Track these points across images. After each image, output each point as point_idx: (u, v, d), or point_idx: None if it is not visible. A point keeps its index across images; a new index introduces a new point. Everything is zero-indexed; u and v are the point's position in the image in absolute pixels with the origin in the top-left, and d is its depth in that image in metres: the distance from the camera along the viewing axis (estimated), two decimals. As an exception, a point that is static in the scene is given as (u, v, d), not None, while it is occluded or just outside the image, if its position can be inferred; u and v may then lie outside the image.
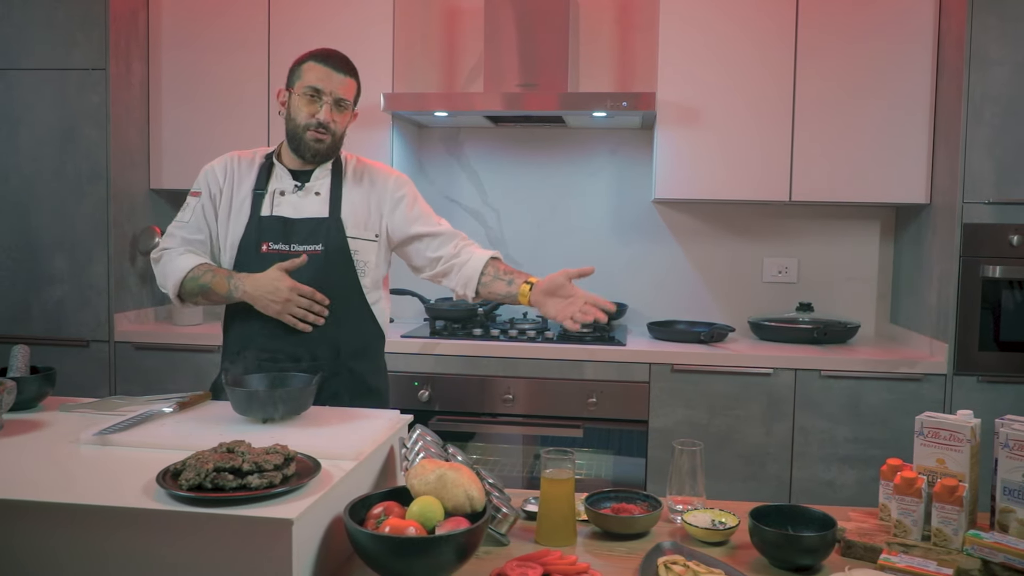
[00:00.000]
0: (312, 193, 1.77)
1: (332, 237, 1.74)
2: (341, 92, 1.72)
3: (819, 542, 1.19)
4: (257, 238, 1.74)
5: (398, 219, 1.81)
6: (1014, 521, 1.23)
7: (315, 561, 1.07)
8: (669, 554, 1.19)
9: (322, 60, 1.72)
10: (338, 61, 1.73)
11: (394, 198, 1.82)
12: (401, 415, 1.52)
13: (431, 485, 1.14)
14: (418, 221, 1.82)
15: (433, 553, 1.04)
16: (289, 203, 1.76)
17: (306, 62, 1.73)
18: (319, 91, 1.70)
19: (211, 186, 1.81)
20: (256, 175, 1.79)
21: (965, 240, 2.42)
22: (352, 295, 1.78)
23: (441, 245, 1.82)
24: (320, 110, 1.71)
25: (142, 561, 1.02)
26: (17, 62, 2.74)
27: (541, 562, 1.12)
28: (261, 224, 1.75)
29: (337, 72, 1.72)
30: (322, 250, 1.73)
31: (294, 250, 1.72)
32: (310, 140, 1.72)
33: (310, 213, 1.75)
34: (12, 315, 2.81)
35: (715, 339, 2.70)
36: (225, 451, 1.11)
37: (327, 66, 1.71)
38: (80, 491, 1.07)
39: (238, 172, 1.80)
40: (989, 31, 2.37)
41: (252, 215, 1.76)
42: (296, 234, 1.74)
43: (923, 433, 1.31)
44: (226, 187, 1.80)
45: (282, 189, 1.77)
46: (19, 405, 1.50)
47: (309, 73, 1.71)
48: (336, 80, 1.72)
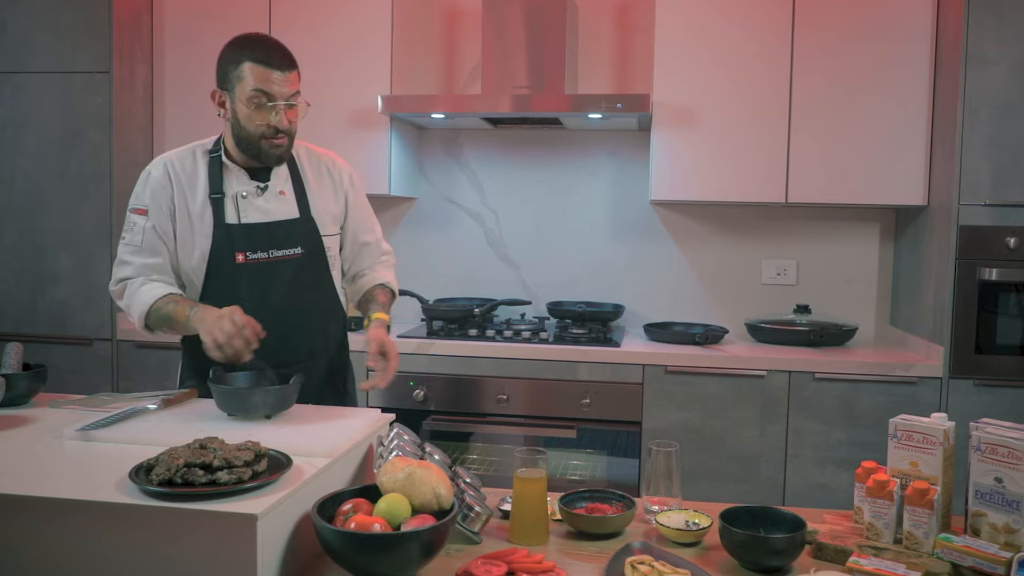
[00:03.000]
0: (276, 192, 1.70)
1: (308, 237, 1.71)
2: (291, 90, 1.60)
3: (787, 543, 1.19)
4: (229, 248, 1.64)
5: (352, 222, 1.83)
6: (986, 525, 1.23)
7: (283, 557, 1.09)
8: (638, 554, 1.20)
9: (263, 61, 1.57)
10: (280, 57, 1.59)
11: (351, 197, 1.82)
12: (382, 414, 1.53)
13: (400, 483, 1.15)
14: (367, 230, 1.86)
15: (397, 549, 1.06)
16: (255, 207, 1.67)
17: (243, 62, 1.57)
18: (270, 95, 1.58)
19: (159, 199, 1.66)
20: (207, 177, 1.66)
21: (961, 242, 2.40)
22: (328, 291, 1.79)
23: (367, 256, 1.87)
24: (275, 116, 1.59)
25: (112, 554, 1.04)
26: (23, 65, 2.79)
27: (507, 560, 1.13)
28: (231, 233, 1.64)
29: (282, 71, 1.58)
30: (301, 252, 1.69)
31: (273, 256, 1.66)
32: (268, 148, 1.62)
33: (281, 215, 1.69)
34: (17, 314, 2.86)
35: (710, 341, 2.70)
36: (198, 447, 1.14)
37: (270, 68, 1.57)
38: (55, 485, 1.10)
39: (184, 177, 1.67)
40: (985, 30, 2.36)
41: (217, 223, 1.64)
42: (273, 240, 1.67)
43: (897, 436, 1.31)
44: (177, 197, 1.66)
45: (243, 192, 1.67)
46: (11, 401, 1.54)
47: (251, 76, 1.57)
48: (285, 81, 1.58)
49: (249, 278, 1.66)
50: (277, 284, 1.67)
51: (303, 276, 1.71)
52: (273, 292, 1.68)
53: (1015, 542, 1.19)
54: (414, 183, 3.16)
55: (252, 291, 1.66)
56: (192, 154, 1.70)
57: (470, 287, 3.19)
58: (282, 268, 1.68)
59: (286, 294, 1.69)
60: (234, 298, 1.60)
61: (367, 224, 1.86)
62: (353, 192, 1.82)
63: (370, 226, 1.87)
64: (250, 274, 1.65)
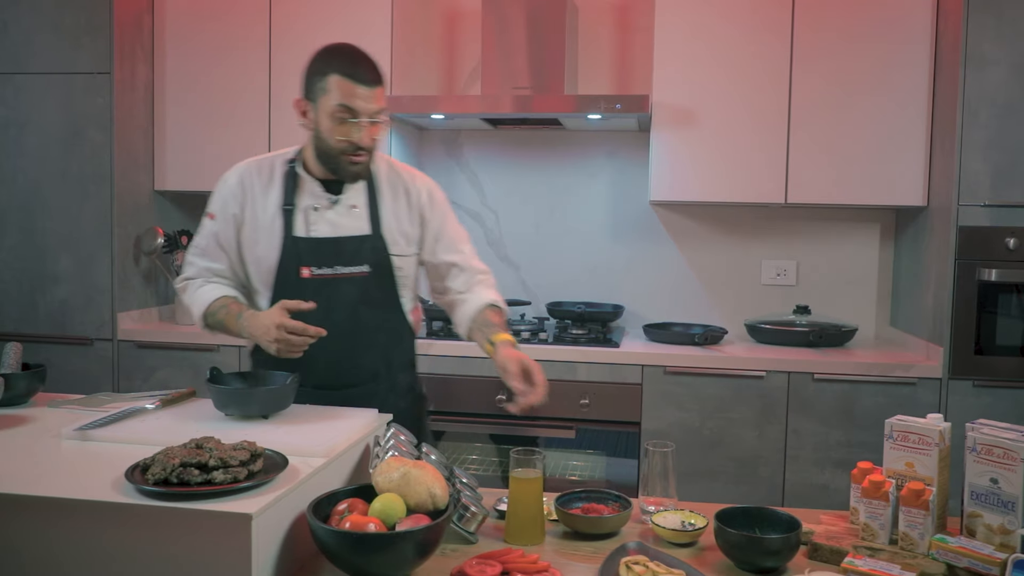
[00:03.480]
0: (348, 207, 1.64)
1: (377, 255, 1.64)
2: (376, 106, 1.55)
3: (782, 544, 1.19)
4: (296, 262, 1.61)
5: (429, 241, 1.71)
6: (981, 526, 1.23)
7: (278, 556, 1.09)
8: (633, 554, 1.20)
9: (350, 75, 1.52)
10: (367, 72, 1.54)
11: (429, 218, 1.70)
12: (380, 414, 1.54)
13: (395, 482, 1.16)
14: (448, 249, 1.72)
15: (391, 549, 1.06)
16: (325, 220, 1.63)
17: (330, 75, 1.53)
18: (354, 111, 1.53)
19: (228, 206, 1.66)
20: (281, 188, 1.64)
21: (961, 243, 2.40)
22: (394, 312, 1.70)
23: (456, 276, 1.72)
24: (357, 133, 1.54)
25: (108, 553, 1.04)
26: (24, 66, 2.80)
27: (501, 560, 1.14)
28: (298, 247, 1.61)
29: (368, 87, 1.53)
30: (368, 271, 1.63)
31: (339, 273, 1.61)
32: (347, 164, 1.58)
33: (351, 231, 1.63)
34: (18, 314, 2.87)
35: (709, 341, 2.70)
36: (194, 447, 1.14)
37: (356, 82, 1.52)
38: (51, 485, 1.10)
39: (257, 185, 1.66)
40: (985, 31, 2.35)
41: (285, 236, 1.62)
42: (340, 255, 1.62)
43: (892, 436, 1.31)
44: (247, 206, 1.65)
45: (315, 204, 1.63)
46: (10, 401, 1.55)
47: (337, 90, 1.52)
48: (371, 97, 1.54)
49: (313, 293, 1.59)
50: (342, 301, 1.61)
51: (369, 295, 1.64)
52: (337, 309, 1.62)
53: (1010, 543, 1.19)
54: (414, 183, 3.16)
55: (318, 307, 1.58)
56: (272, 163, 1.68)
57: (470, 287, 3.19)
58: (348, 285, 1.62)
59: (350, 312, 1.63)
60: (298, 314, 1.56)
61: (450, 243, 1.73)
62: (431, 210, 1.71)
63: (454, 245, 1.73)
64: (315, 289, 1.60)
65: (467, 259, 1.74)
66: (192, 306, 1.69)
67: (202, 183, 3.01)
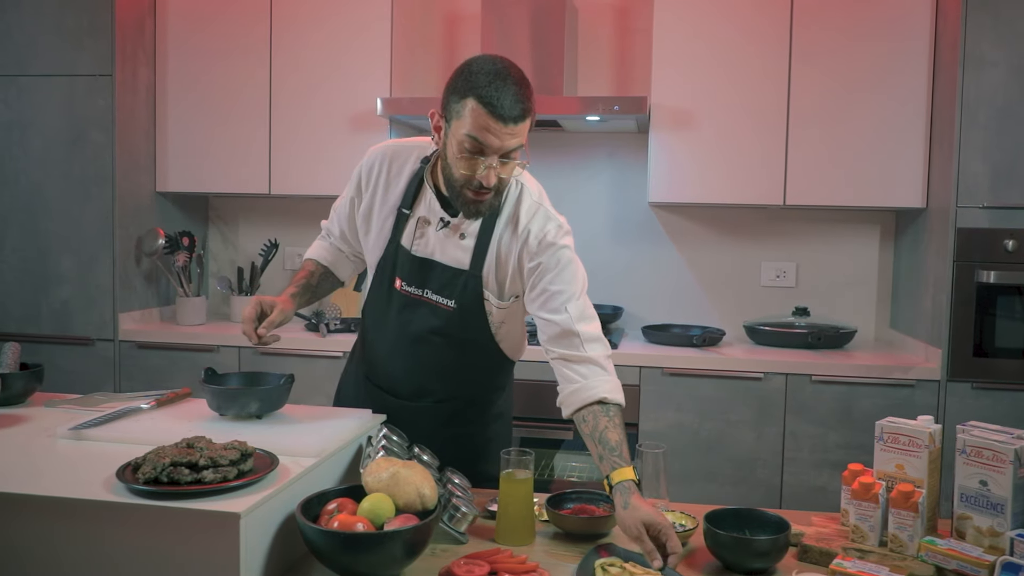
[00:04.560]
0: (458, 235, 1.50)
1: (467, 295, 1.50)
2: (513, 144, 1.36)
3: (770, 545, 1.19)
4: (392, 269, 1.55)
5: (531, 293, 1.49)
6: (970, 528, 1.22)
7: (267, 555, 1.10)
8: (605, 555, 1.21)
9: (490, 105, 1.31)
10: (512, 104, 1.32)
11: (532, 267, 1.47)
12: (374, 415, 1.54)
13: (384, 482, 1.17)
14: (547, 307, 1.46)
15: (379, 549, 1.07)
16: (431, 240, 1.51)
17: (468, 98, 1.33)
18: (482, 146, 1.34)
19: (352, 186, 1.62)
20: (405, 187, 1.54)
21: (959, 245, 2.40)
22: (481, 345, 1.57)
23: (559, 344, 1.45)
24: (483, 171, 1.36)
25: (99, 552, 1.05)
26: (27, 68, 2.82)
27: (489, 560, 1.14)
28: (398, 255, 1.54)
29: (509, 124, 1.33)
30: (454, 307, 1.51)
31: (427, 297, 1.52)
32: (468, 198, 1.41)
33: (450, 260, 1.50)
34: (21, 314, 2.89)
35: (707, 343, 2.70)
36: (185, 446, 1.15)
37: (496, 117, 1.31)
38: (44, 483, 1.11)
39: (384, 177, 1.56)
40: (984, 32, 2.35)
41: (392, 239, 1.54)
42: (432, 280, 1.52)
43: (883, 438, 1.31)
44: (366, 194, 1.58)
45: (428, 217, 1.51)
46: (7, 400, 1.56)
47: (472, 118, 1.33)
48: (507, 134, 1.34)
49: (398, 306, 1.55)
50: (420, 325, 1.54)
51: (449, 329, 1.53)
52: (413, 330, 1.55)
53: (999, 545, 1.19)
54: (414, 185, 3.17)
55: (397, 319, 1.56)
56: (409, 155, 1.56)
57: (470, 289, 3.19)
58: (431, 313, 1.53)
59: (424, 339, 1.55)
60: (384, 318, 1.57)
61: (549, 297, 1.46)
62: (539, 257, 1.47)
63: (554, 303, 1.45)
64: (401, 302, 1.54)
65: (568, 321, 1.44)
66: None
67: (203, 184, 3.03)
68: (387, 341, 1.60)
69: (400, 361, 1.59)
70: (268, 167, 2.96)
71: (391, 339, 1.58)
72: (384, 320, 1.58)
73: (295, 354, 2.73)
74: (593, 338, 1.45)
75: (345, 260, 1.74)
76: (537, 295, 1.47)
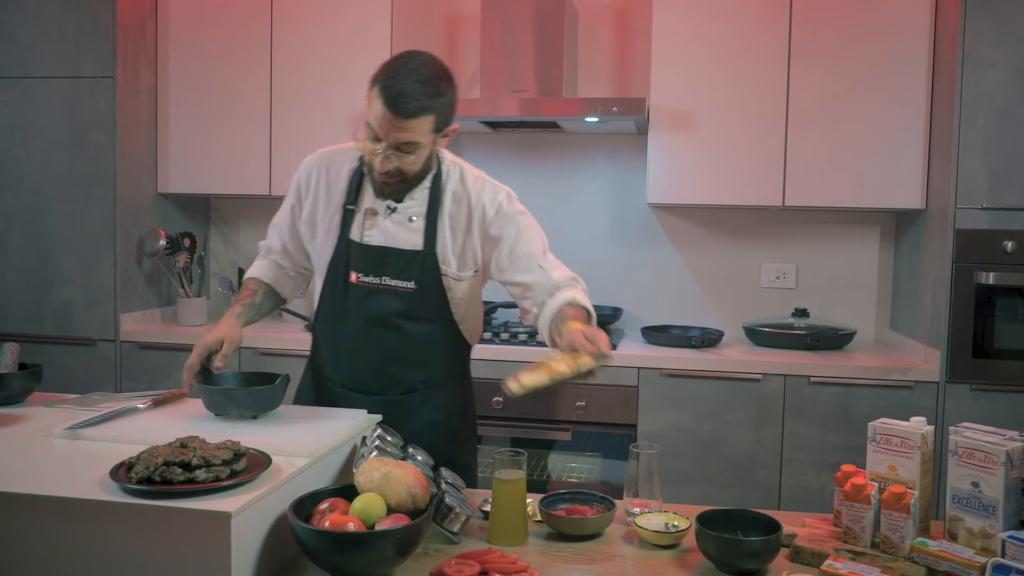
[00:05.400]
0: (406, 219, 1.56)
1: (426, 274, 1.55)
2: (405, 139, 1.41)
3: (761, 546, 1.20)
4: (346, 265, 1.58)
5: (502, 261, 1.57)
6: (962, 529, 1.22)
7: (259, 554, 1.11)
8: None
9: (385, 95, 1.38)
10: (404, 102, 1.37)
11: (497, 235, 1.56)
12: (369, 415, 1.55)
13: (376, 482, 1.17)
14: (522, 269, 1.55)
15: (370, 548, 1.07)
16: (381, 229, 1.56)
17: (375, 87, 1.40)
18: (377, 134, 1.42)
19: (291, 195, 1.67)
20: (346, 185, 1.59)
21: (958, 246, 2.39)
22: (442, 324, 1.61)
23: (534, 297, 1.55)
24: (377, 157, 1.44)
25: (92, 550, 1.06)
26: (29, 70, 2.84)
27: (480, 560, 1.15)
28: (350, 249, 1.57)
29: (400, 117, 1.38)
30: (414, 288, 1.56)
31: (386, 284, 1.56)
32: (378, 179, 1.50)
33: (404, 244, 1.56)
34: (23, 314, 2.90)
35: (706, 344, 2.70)
36: (178, 446, 1.16)
37: (387, 107, 1.38)
38: (39, 482, 1.12)
39: (324, 180, 1.61)
40: (983, 33, 2.34)
41: (341, 236, 1.58)
42: (388, 267, 1.56)
43: (875, 439, 1.31)
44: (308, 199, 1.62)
45: (374, 208, 1.57)
46: (5, 400, 1.58)
47: (373, 106, 1.41)
48: (397, 127, 1.39)
49: (358, 299, 1.58)
50: (383, 312, 1.57)
51: (413, 311, 1.57)
52: (377, 319, 1.58)
53: (991, 547, 1.19)
54: (414, 186, 3.18)
55: (359, 312, 1.58)
56: (345, 157, 1.61)
57: (470, 289, 3.20)
58: (392, 298, 1.57)
59: (390, 325, 1.58)
60: (343, 315, 1.60)
61: (522, 263, 1.55)
62: (500, 226, 1.55)
63: (529, 263, 1.55)
64: (360, 295, 1.57)
65: (545, 275, 1.55)
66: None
67: (204, 185, 3.05)
68: (350, 335, 1.61)
69: (366, 352, 1.60)
70: (269, 168, 2.97)
71: (354, 332, 1.60)
72: (344, 316, 1.60)
73: (294, 354, 2.74)
74: (568, 279, 1.56)
75: (286, 277, 1.77)
76: (507, 263, 1.56)
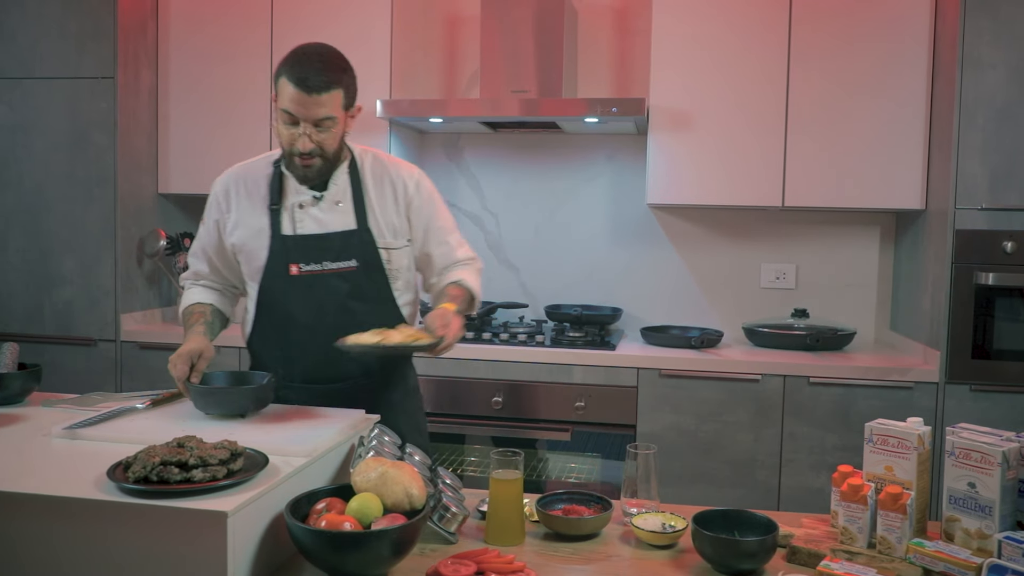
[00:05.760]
0: (334, 203, 1.65)
1: (364, 249, 1.64)
2: (321, 113, 1.53)
3: (758, 547, 1.20)
4: (284, 260, 1.63)
5: (419, 233, 1.72)
6: (959, 530, 1.22)
7: (256, 553, 1.11)
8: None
9: (294, 79, 1.51)
10: (314, 76, 1.51)
11: (415, 206, 1.71)
12: (367, 415, 1.55)
13: (372, 482, 1.17)
14: (434, 241, 1.73)
15: (366, 548, 1.08)
16: (311, 217, 1.64)
17: (281, 78, 1.53)
18: (294, 116, 1.53)
19: (211, 213, 1.73)
20: (267, 189, 1.67)
21: (958, 247, 2.39)
22: (387, 304, 1.69)
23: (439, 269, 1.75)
24: (299, 139, 1.55)
25: (90, 549, 1.07)
26: (30, 71, 2.85)
27: (476, 560, 1.15)
28: (286, 245, 1.63)
29: (312, 94, 1.51)
30: (356, 265, 1.64)
31: (328, 268, 1.63)
32: (298, 166, 1.59)
33: (337, 226, 1.64)
34: (24, 314, 2.91)
35: (706, 345, 2.70)
36: (175, 445, 1.16)
37: (299, 88, 1.50)
38: (36, 482, 1.13)
39: (242, 190, 1.69)
40: (982, 33, 2.34)
41: (273, 235, 1.64)
42: (327, 252, 1.63)
43: (872, 440, 1.31)
44: (231, 211, 1.69)
45: (300, 202, 1.64)
46: (5, 400, 1.58)
47: (283, 92, 1.53)
48: (312, 103, 1.51)
49: (303, 290, 1.63)
50: (331, 297, 1.63)
51: (359, 290, 1.65)
52: (326, 305, 1.63)
53: (987, 547, 1.18)
54: (414, 186, 3.18)
55: (305, 303, 1.63)
56: (257, 166, 1.71)
57: (470, 290, 3.20)
58: (336, 281, 1.63)
59: (340, 308, 1.64)
60: (287, 310, 1.63)
61: (437, 234, 1.74)
62: (419, 200, 1.71)
63: (441, 236, 1.74)
64: (304, 286, 1.63)
65: (451, 250, 1.75)
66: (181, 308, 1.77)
67: (205, 186, 2.98)
68: (301, 327, 1.65)
69: (318, 339, 1.60)
70: (269, 169, 2.97)
71: (304, 323, 1.64)
72: (290, 309, 1.64)
73: None
74: (467, 258, 1.78)
75: (223, 297, 1.79)
76: (422, 235, 1.72)
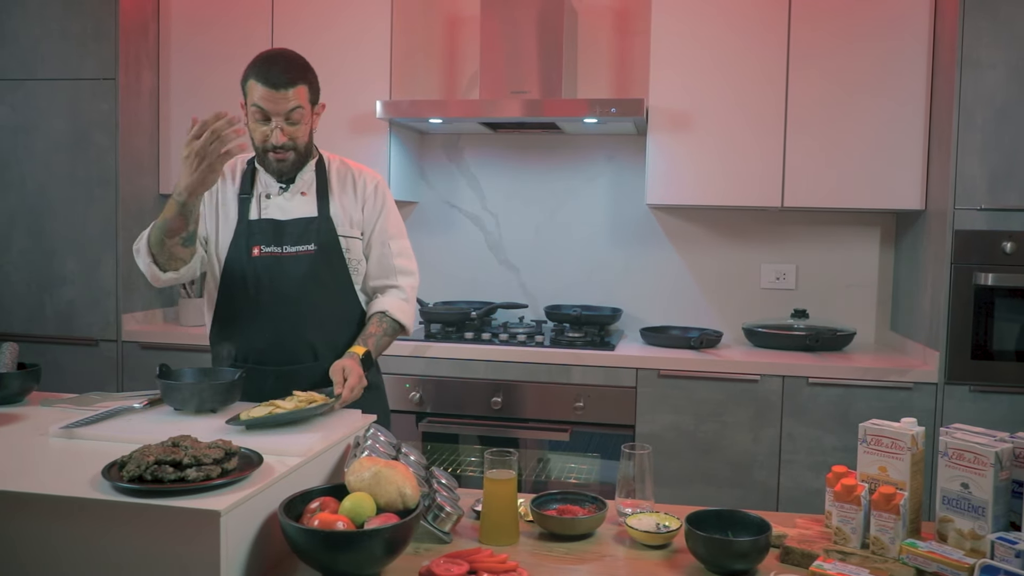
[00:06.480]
0: (298, 194, 1.78)
1: (323, 236, 1.76)
2: (290, 107, 1.66)
3: (750, 547, 1.20)
4: (247, 242, 1.75)
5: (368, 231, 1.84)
6: (952, 531, 1.22)
7: (249, 553, 1.11)
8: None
9: (263, 79, 1.63)
10: (280, 74, 1.63)
11: (371, 206, 1.84)
12: (364, 415, 1.56)
13: (366, 482, 1.18)
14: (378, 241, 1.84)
15: (358, 547, 1.08)
16: (276, 205, 1.78)
17: (249, 79, 1.66)
18: (265, 113, 1.66)
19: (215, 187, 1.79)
20: (240, 180, 1.81)
21: (957, 247, 2.39)
22: (345, 293, 1.81)
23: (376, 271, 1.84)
24: (272, 133, 1.67)
25: (84, 548, 1.07)
26: (32, 72, 2.86)
27: (469, 559, 1.15)
28: (251, 228, 1.75)
29: (280, 89, 1.63)
30: (315, 249, 1.75)
31: (286, 252, 1.74)
32: (272, 161, 1.72)
33: (299, 213, 1.77)
34: (26, 315, 2.93)
35: (705, 345, 2.70)
36: (170, 445, 1.17)
37: (267, 86, 1.63)
38: (32, 480, 1.13)
39: (231, 173, 1.82)
40: (981, 34, 2.34)
41: (240, 219, 1.77)
42: (287, 236, 1.75)
43: (866, 441, 1.32)
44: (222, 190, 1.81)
45: (268, 192, 1.78)
46: (4, 399, 1.59)
47: (253, 92, 1.65)
48: (281, 98, 1.64)
49: (263, 270, 1.74)
50: (289, 278, 1.73)
51: (316, 273, 1.75)
52: (284, 286, 1.74)
53: (980, 548, 1.19)
54: (415, 187, 3.19)
55: (266, 284, 1.74)
56: (236, 162, 1.83)
57: (470, 291, 3.21)
58: (295, 264, 1.74)
59: (297, 288, 1.74)
60: (247, 289, 1.74)
61: (378, 235, 1.84)
62: (374, 200, 1.84)
63: (381, 238, 1.85)
64: (264, 266, 1.74)
65: (387, 255, 1.84)
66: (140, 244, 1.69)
67: (206, 187, 3.06)
68: (259, 307, 1.74)
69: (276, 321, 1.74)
70: (269, 169, 2.98)
71: (265, 301, 1.74)
72: (251, 289, 1.74)
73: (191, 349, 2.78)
74: (406, 271, 1.86)
75: None
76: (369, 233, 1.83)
